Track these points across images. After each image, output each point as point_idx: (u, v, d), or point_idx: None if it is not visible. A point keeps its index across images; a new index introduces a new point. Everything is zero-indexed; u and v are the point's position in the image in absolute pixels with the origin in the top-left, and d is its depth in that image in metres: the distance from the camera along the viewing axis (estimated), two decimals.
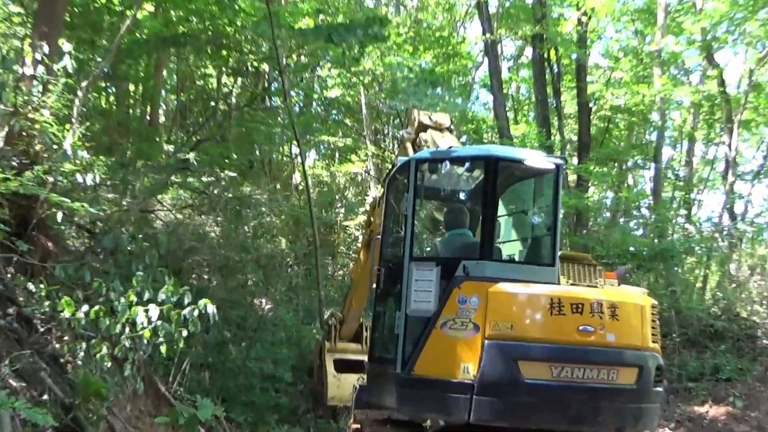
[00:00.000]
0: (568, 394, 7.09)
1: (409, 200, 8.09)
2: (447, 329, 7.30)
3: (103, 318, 8.34)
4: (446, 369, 7.25)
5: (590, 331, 7.15)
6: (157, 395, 11.25)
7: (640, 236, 22.80)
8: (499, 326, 7.08)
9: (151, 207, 16.25)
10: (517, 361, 7.00)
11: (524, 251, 8.61)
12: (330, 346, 13.60)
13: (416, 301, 7.69)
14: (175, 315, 8.45)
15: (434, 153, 8.62)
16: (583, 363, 7.13)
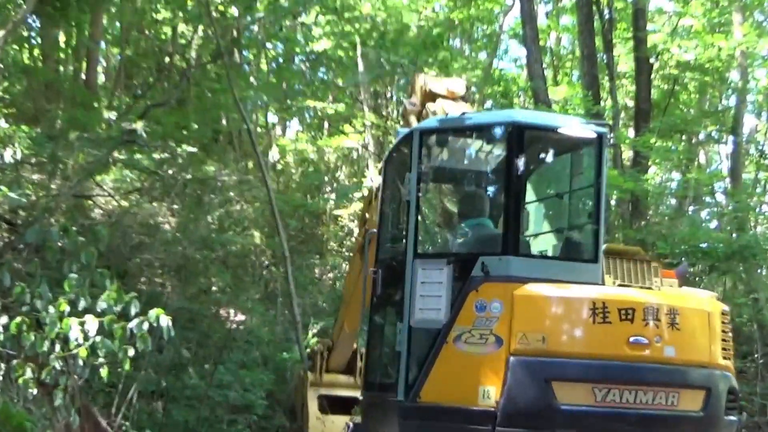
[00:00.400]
0: (616, 424, 7.09)
1: (412, 182, 8.04)
2: (461, 344, 7.31)
3: (27, 333, 8.36)
4: (461, 394, 7.26)
5: (644, 343, 7.14)
6: (97, 431, 11.30)
7: (713, 229, 22.82)
8: (527, 339, 7.11)
9: (87, 191, 16.31)
10: (550, 382, 7.01)
11: (559, 245, 8.61)
12: (314, 379, 13.42)
13: (422, 310, 7.67)
14: (119, 329, 8.47)
15: (443, 121, 8.57)
16: (635, 384, 7.12)
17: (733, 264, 18.89)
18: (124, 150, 16.69)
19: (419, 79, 10.73)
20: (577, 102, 23.06)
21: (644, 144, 21.25)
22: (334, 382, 13.39)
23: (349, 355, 13.37)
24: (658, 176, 27.05)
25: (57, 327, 8.39)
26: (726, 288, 21.18)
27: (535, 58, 23.06)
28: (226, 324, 16.99)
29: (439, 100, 10.20)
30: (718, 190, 26.28)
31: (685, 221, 22.94)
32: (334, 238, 23.16)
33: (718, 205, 25.26)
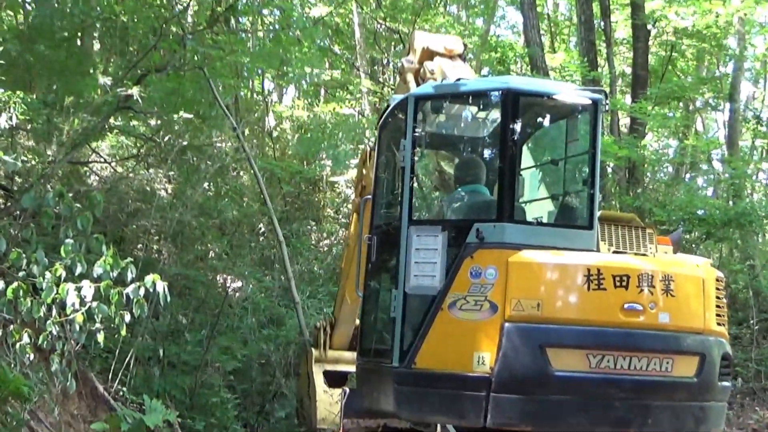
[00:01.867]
0: (610, 390, 7.14)
1: (407, 148, 8.03)
2: (456, 310, 7.34)
3: (24, 298, 8.36)
4: (456, 360, 7.30)
5: (638, 310, 7.18)
6: (94, 396, 11.35)
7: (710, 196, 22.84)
8: (522, 305, 7.12)
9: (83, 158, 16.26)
10: (545, 348, 7.05)
11: (554, 211, 8.61)
12: (318, 355, 13.26)
13: (417, 276, 7.68)
14: (116, 295, 8.48)
15: (438, 87, 8.54)
16: (630, 350, 7.16)
17: (729, 231, 18.93)
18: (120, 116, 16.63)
19: (417, 36, 10.70)
20: (574, 69, 23.00)
21: (641, 111, 21.21)
22: (339, 359, 13.25)
23: (351, 330, 13.15)
24: (654, 143, 27.02)
25: (53, 292, 8.39)
26: (722, 255, 21.23)
27: (532, 25, 23.00)
28: (222, 290, 16.99)
29: (436, 58, 10.17)
30: (715, 157, 26.31)
31: (681, 188, 22.96)
32: (331, 205, 23.16)
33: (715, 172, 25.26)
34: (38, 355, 9.51)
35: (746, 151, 26.88)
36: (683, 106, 27.00)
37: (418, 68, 10.38)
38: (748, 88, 29.35)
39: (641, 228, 8.42)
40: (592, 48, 23.16)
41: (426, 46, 10.35)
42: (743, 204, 19.64)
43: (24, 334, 8.64)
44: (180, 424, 12.02)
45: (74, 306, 8.40)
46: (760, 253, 20.51)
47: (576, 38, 26.64)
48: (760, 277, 18.86)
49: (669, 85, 24.25)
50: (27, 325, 8.78)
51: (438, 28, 26.71)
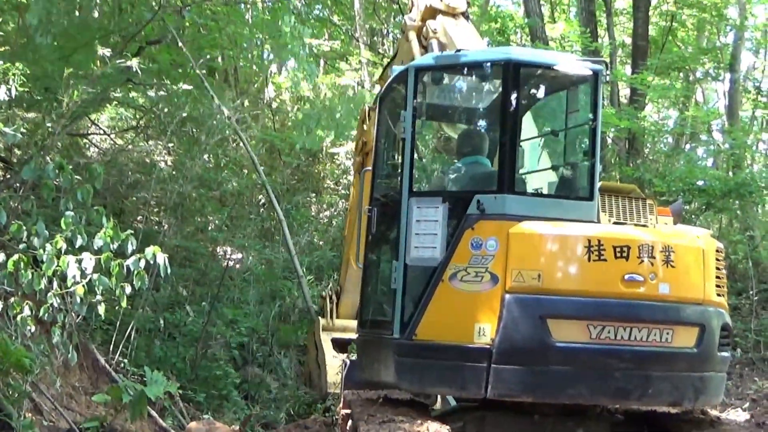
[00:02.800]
0: (610, 361, 7.13)
1: (407, 120, 7.99)
2: (457, 282, 7.33)
3: (24, 270, 8.37)
4: (457, 332, 7.30)
5: (639, 281, 7.17)
6: (95, 368, 11.39)
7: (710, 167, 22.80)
8: (523, 276, 7.12)
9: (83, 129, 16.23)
10: (546, 319, 7.04)
11: (555, 183, 8.60)
12: (326, 323, 13.42)
13: (417, 248, 7.67)
14: (116, 267, 8.50)
15: (438, 58, 8.55)
16: (630, 321, 7.16)
17: (729, 201, 18.90)
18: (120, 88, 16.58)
19: None
20: (575, 39, 22.94)
21: (641, 81, 21.14)
22: (346, 327, 13.25)
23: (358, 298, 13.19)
24: (655, 114, 26.96)
25: (54, 264, 8.41)
26: (722, 225, 21.23)
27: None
28: (223, 262, 17.01)
29: (439, 16, 10.11)
30: (715, 127, 26.22)
31: (681, 159, 22.92)
32: (331, 176, 23.14)
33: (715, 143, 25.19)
34: (39, 327, 9.53)
35: (746, 121, 26.79)
36: (683, 76, 26.90)
37: (421, 26, 10.31)
38: (749, 58, 29.28)
39: (641, 199, 8.40)
40: (592, 18, 23.08)
41: (429, 3, 10.29)
42: (743, 174, 19.60)
43: (25, 307, 8.66)
44: (181, 396, 12.07)
45: (75, 278, 8.42)
46: (760, 224, 20.50)
47: (576, 8, 26.53)
48: (760, 248, 18.86)
49: (669, 55, 24.19)
50: (28, 298, 8.79)
51: None
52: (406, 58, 10.29)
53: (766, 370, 15.92)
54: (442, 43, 9.81)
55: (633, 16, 23.99)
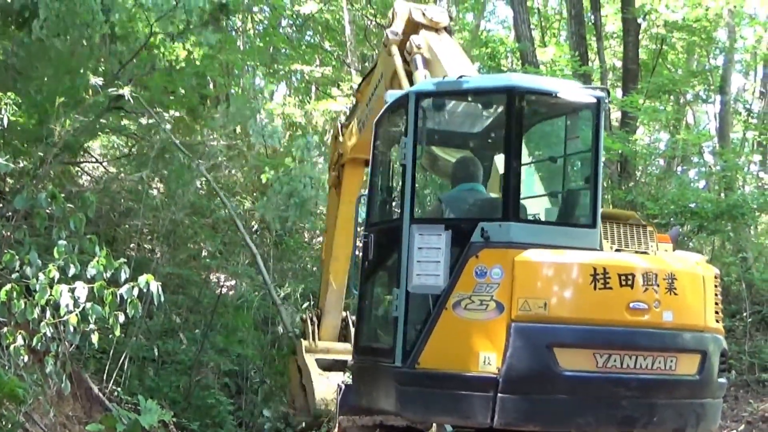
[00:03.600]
0: (617, 389, 7.15)
1: (408, 146, 7.93)
2: (461, 310, 7.29)
3: (17, 300, 8.35)
4: (461, 360, 7.26)
5: (643, 308, 7.18)
6: (89, 397, 11.32)
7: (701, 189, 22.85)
8: (529, 305, 7.10)
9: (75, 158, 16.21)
10: (552, 348, 7.03)
11: (554, 209, 8.58)
12: (309, 345, 12.99)
13: (420, 275, 7.59)
14: (109, 295, 8.48)
15: (440, 84, 8.46)
16: (636, 349, 7.18)
17: (721, 223, 18.94)
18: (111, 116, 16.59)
19: (400, 5, 10.52)
20: (565, 63, 23.01)
21: (632, 104, 21.23)
22: (329, 348, 13.00)
23: (339, 320, 13.12)
24: (646, 137, 27.04)
25: (47, 294, 8.39)
26: (714, 247, 21.27)
27: (522, 19, 23.01)
28: (216, 289, 16.98)
29: (422, 31, 10.01)
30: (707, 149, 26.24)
31: (673, 181, 22.97)
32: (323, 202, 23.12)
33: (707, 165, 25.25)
34: (32, 356, 9.50)
35: (737, 143, 26.87)
36: (674, 99, 27.01)
37: (404, 40, 10.21)
38: (739, 80, 29.40)
39: (642, 226, 8.44)
40: (582, 42, 23.18)
41: (411, 17, 10.20)
42: (735, 196, 19.65)
43: (18, 336, 8.64)
44: (175, 424, 12.02)
45: (68, 307, 8.41)
46: (753, 246, 20.53)
47: (566, 32, 26.64)
48: (753, 270, 18.88)
49: (660, 78, 24.27)
50: (21, 327, 8.77)
51: None
52: (387, 72, 10.28)
53: (760, 392, 15.92)
54: (426, 58, 9.71)
55: (623, 40, 24.09)
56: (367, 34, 25.81)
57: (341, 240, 11.87)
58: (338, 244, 11.77)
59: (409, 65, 9.89)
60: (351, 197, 11.68)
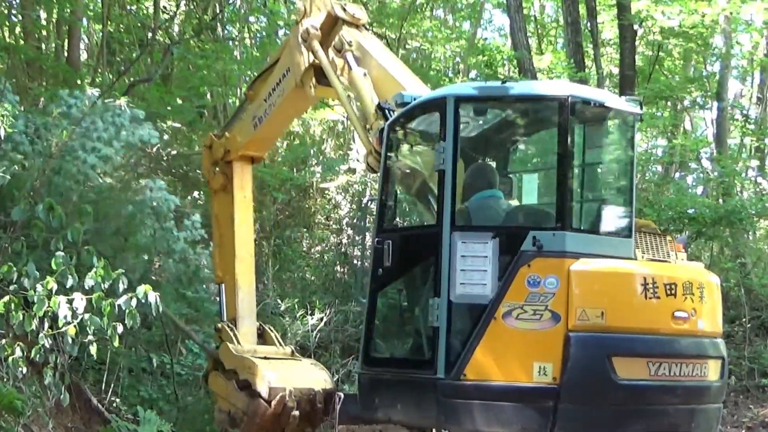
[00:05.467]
0: (665, 396, 7.31)
1: (447, 151, 7.75)
2: (512, 320, 7.22)
3: (15, 312, 8.35)
4: (513, 371, 7.23)
5: (684, 317, 7.35)
6: (87, 408, 11.34)
7: (700, 195, 22.87)
8: (587, 314, 7.10)
9: None
10: (611, 357, 7.09)
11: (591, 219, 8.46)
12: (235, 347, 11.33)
13: (464, 284, 7.47)
14: (108, 306, 8.46)
15: (482, 89, 8.38)
16: (680, 357, 7.35)
17: (720, 229, 18.97)
18: None
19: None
20: (562, 70, 23.05)
21: None
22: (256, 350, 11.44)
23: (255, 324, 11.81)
24: (643, 143, 27.05)
25: (45, 305, 8.37)
26: (713, 253, 21.27)
27: (518, 27, 23.00)
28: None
29: (345, 27, 9.86)
30: (704, 155, 26.30)
31: (671, 187, 22.99)
32: (322, 211, 23.13)
33: (704, 171, 25.28)
34: (31, 368, 9.50)
35: (735, 149, 26.89)
36: (671, 105, 27.04)
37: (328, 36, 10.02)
38: (736, 86, 29.41)
39: (661, 235, 8.46)
40: (579, 49, 23.18)
41: (331, 11, 10.00)
42: (733, 202, 19.66)
43: (16, 348, 8.62)
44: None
45: (66, 318, 8.38)
46: (751, 251, 20.54)
47: (563, 40, 26.65)
48: (752, 275, 18.89)
49: (656, 84, 24.28)
50: (19, 339, 8.77)
51: (425, 32, 26.77)
52: (297, 67, 10.13)
53: (760, 397, 15.93)
54: (357, 57, 9.61)
55: (620, 47, 24.08)
56: None
57: (243, 238, 11.43)
58: (240, 243, 11.22)
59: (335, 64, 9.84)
60: (245, 193, 11.53)
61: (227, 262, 11.50)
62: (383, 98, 9.16)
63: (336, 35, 9.93)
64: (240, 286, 11.32)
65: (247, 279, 11.45)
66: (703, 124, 30.52)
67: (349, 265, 19.49)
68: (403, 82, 9.61)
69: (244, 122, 11.30)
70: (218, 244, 11.80)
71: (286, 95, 10.40)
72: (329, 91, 10.31)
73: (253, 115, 11.08)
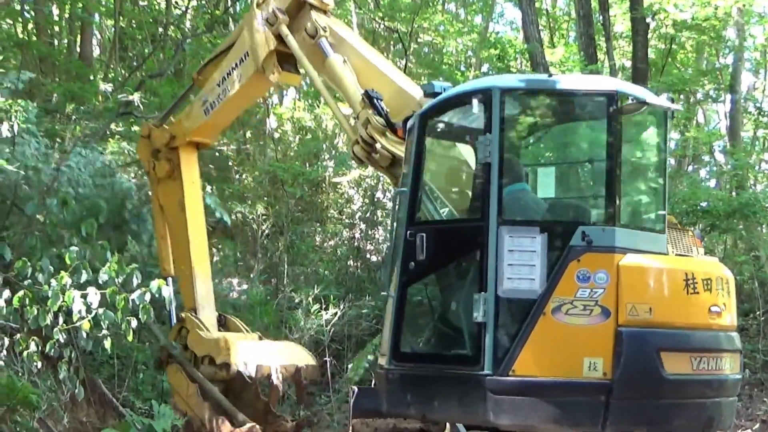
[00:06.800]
0: (705, 390, 7.36)
1: (493, 143, 7.61)
2: (562, 315, 7.17)
3: (30, 306, 8.37)
4: (563, 367, 7.20)
5: (718, 312, 7.40)
6: (102, 402, 11.34)
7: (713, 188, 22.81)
8: (636, 310, 7.10)
9: None
10: (660, 352, 7.10)
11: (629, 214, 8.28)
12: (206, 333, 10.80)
13: (512, 279, 7.38)
14: (122, 301, 8.48)
15: (529, 82, 8.33)
16: (716, 351, 7.42)
17: (733, 222, 18.91)
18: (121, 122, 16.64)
19: None
20: (574, 64, 22.98)
21: None
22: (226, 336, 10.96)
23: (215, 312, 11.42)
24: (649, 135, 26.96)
25: (59, 300, 8.39)
26: (726, 246, 21.21)
27: (530, 21, 22.95)
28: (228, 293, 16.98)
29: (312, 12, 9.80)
30: (717, 148, 26.23)
31: (684, 180, 22.94)
32: (334, 206, 23.16)
33: (717, 164, 25.21)
34: (46, 363, 9.51)
35: (748, 142, 26.82)
36: (684, 98, 26.96)
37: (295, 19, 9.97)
38: (749, 78, 29.35)
39: (683, 230, 8.45)
40: (591, 42, 23.11)
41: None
42: (747, 195, 19.59)
43: (31, 343, 8.65)
44: None
45: (80, 313, 8.40)
46: (765, 244, 20.42)
47: (575, 33, 26.60)
48: (766, 268, 18.82)
49: (669, 77, 24.19)
50: (34, 334, 8.78)
51: (437, 26, 26.75)
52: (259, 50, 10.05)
53: None
54: (331, 43, 9.58)
55: (632, 40, 24.01)
56: (375, 37, 25.78)
57: (196, 225, 11.17)
58: (194, 230, 10.86)
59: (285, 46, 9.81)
60: (193, 178, 11.34)
61: (179, 251, 11.15)
62: (365, 86, 9.16)
63: (304, 20, 9.86)
64: (197, 274, 10.98)
65: (204, 267, 11.18)
66: (716, 116, 30.48)
67: (362, 259, 19.51)
68: (385, 70, 9.58)
69: (193, 108, 11.08)
70: (163, 236, 11.40)
71: (244, 80, 10.28)
72: (292, 77, 10.33)
73: (203, 100, 10.86)
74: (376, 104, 8.88)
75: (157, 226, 11.57)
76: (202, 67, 11.46)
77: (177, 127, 11.16)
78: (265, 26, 10.06)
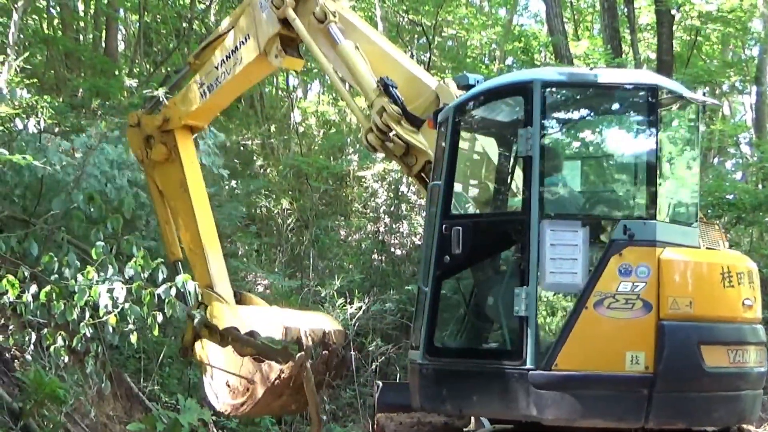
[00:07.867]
0: (740, 383, 7.34)
1: (534, 137, 7.54)
2: (604, 309, 7.14)
3: (57, 301, 8.40)
4: (605, 360, 7.18)
5: (750, 305, 7.40)
6: (129, 396, 11.40)
7: (739, 181, 22.66)
8: (677, 303, 7.08)
9: None
10: (700, 345, 7.10)
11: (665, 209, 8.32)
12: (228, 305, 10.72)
13: (554, 273, 7.36)
14: (147, 295, 8.50)
15: (570, 75, 8.24)
16: (750, 344, 7.42)
17: (759, 215, 18.79)
18: None
19: None
20: (599, 56, 22.88)
21: None
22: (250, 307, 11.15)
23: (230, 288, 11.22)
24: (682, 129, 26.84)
25: (86, 295, 8.42)
26: (753, 239, 21.08)
27: (555, 13, 22.89)
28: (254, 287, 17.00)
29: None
30: (743, 141, 26.06)
31: (710, 173, 22.80)
32: (359, 200, 23.16)
33: (743, 156, 25.04)
34: (73, 357, 9.57)
35: None
36: (709, 90, 26.80)
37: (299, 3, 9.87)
38: None
39: (709, 224, 8.44)
40: (616, 35, 23.02)
41: None
42: None
43: (58, 337, 8.70)
44: (214, 423, 12.05)
45: (107, 308, 8.43)
46: None
47: (599, 25, 26.49)
48: None
49: (694, 69, 24.10)
50: (61, 328, 8.83)
51: (461, 19, 26.68)
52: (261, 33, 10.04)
53: None
54: (341, 29, 9.50)
55: (657, 32, 23.90)
56: (399, 30, 25.77)
57: (201, 203, 11.07)
58: (200, 208, 10.71)
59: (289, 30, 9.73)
60: (193, 159, 11.25)
61: (187, 232, 10.99)
62: (378, 74, 9.09)
63: (311, 4, 9.79)
64: (208, 251, 10.85)
65: (214, 243, 11.09)
66: (741, 108, 30.27)
67: (386, 253, 19.48)
68: (397, 57, 9.52)
69: (190, 90, 11.00)
70: (167, 221, 11.24)
71: (245, 63, 10.23)
72: (295, 62, 10.23)
73: (200, 82, 10.83)
74: (392, 92, 8.82)
75: (159, 212, 11.46)
76: (198, 51, 11.38)
77: (171, 110, 11.06)
78: (270, 9, 10.00)
